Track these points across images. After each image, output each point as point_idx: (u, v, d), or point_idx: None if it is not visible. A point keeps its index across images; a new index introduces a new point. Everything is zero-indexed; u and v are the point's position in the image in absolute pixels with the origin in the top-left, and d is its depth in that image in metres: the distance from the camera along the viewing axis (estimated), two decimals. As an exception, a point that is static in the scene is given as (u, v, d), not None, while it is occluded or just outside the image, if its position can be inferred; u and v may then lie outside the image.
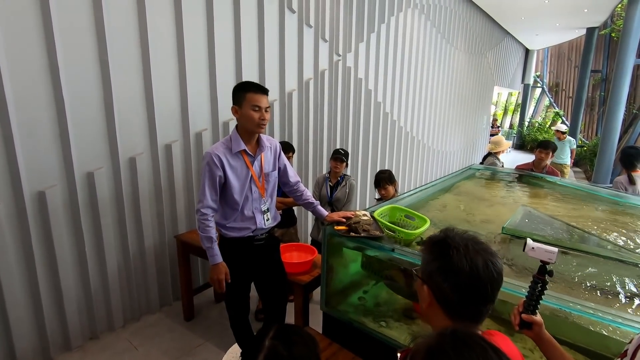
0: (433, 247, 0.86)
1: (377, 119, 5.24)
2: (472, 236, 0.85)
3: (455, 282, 0.79)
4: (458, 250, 0.80)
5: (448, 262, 0.81)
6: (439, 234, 0.88)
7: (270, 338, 0.82)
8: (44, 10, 2.05)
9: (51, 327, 2.36)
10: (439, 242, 0.85)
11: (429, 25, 6.13)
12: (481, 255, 0.80)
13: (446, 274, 0.81)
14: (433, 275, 0.83)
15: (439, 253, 0.83)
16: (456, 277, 0.79)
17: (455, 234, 0.86)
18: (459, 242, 0.82)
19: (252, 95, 1.76)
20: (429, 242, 0.88)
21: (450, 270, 0.80)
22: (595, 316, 1.19)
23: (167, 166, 2.85)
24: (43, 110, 2.14)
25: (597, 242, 2.03)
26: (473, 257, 0.79)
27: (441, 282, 0.81)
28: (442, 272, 0.81)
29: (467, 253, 0.80)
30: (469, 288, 0.79)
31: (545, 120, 16.69)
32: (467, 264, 0.79)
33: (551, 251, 0.96)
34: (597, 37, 10.87)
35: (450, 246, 0.82)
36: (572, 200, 2.83)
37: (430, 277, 0.84)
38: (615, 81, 7.12)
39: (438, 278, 0.81)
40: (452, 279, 0.80)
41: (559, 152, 6.59)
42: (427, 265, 0.85)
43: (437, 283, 0.82)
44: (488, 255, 0.81)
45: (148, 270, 2.85)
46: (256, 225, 1.92)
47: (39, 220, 2.22)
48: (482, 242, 0.84)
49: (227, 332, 2.70)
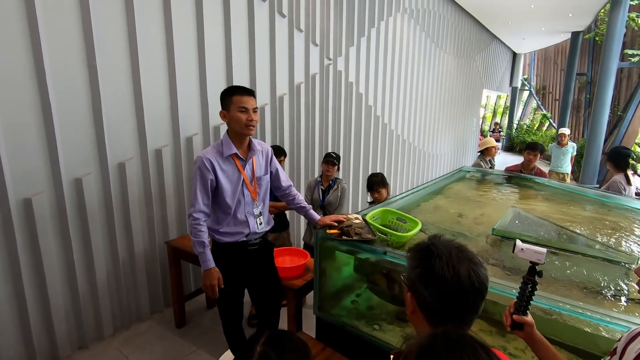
0: (417, 254, 0.86)
1: (368, 122, 5.27)
2: (457, 244, 0.85)
3: (436, 290, 0.79)
4: (441, 258, 0.80)
5: (430, 269, 0.80)
6: (424, 241, 0.88)
7: (262, 344, 0.81)
8: (29, 13, 2.02)
9: (38, 337, 2.30)
10: (422, 249, 0.85)
11: (418, 29, 6.21)
12: (464, 264, 0.79)
13: (427, 282, 0.80)
14: (415, 282, 0.82)
15: (421, 260, 0.83)
16: (437, 285, 0.78)
17: (440, 241, 0.85)
18: (443, 250, 0.82)
19: (238, 97, 1.77)
20: (414, 249, 0.88)
21: (432, 278, 0.79)
22: (584, 315, 1.21)
23: (158, 171, 2.82)
24: (29, 115, 2.10)
25: (585, 242, 2.06)
26: (456, 266, 0.78)
27: (423, 290, 0.80)
28: (423, 280, 0.81)
29: (450, 261, 0.79)
30: (450, 297, 0.78)
31: (534, 122, 16.98)
32: (449, 272, 0.78)
33: (540, 252, 0.97)
34: (582, 41, 11.13)
35: (434, 253, 0.81)
36: (560, 201, 2.88)
37: (413, 284, 0.83)
38: (600, 84, 7.28)
39: (420, 285, 0.81)
40: (433, 286, 0.79)
41: (558, 161, 6.00)
42: (411, 272, 0.85)
43: (419, 290, 0.81)
44: (472, 264, 0.80)
45: (138, 277, 2.81)
46: (249, 230, 1.91)
47: (25, 227, 2.17)
48: (467, 251, 0.83)
49: (220, 339, 2.67)
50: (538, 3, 7.51)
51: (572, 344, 1.38)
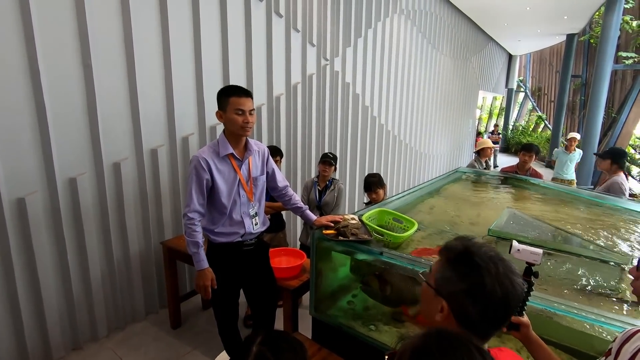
0: (457, 264, 0.79)
1: (365, 122, 5.27)
2: (495, 252, 0.79)
3: (485, 309, 0.75)
4: (490, 273, 0.74)
5: (481, 287, 0.74)
6: (456, 244, 0.81)
7: (258, 344, 0.81)
8: (23, 12, 2.00)
9: (31, 338, 2.27)
10: (464, 258, 0.78)
11: (415, 30, 6.23)
12: (509, 278, 0.75)
13: (476, 299, 0.75)
14: (458, 296, 0.76)
15: (467, 272, 0.77)
16: (487, 304, 0.74)
17: (481, 250, 0.78)
18: (488, 261, 0.76)
19: (235, 99, 1.75)
20: (451, 255, 0.81)
21: (483, 296, 0.74)
22: (579, 315, 1.21)
23: (153, 171, 2.81)
24: (23, 114, 2.08)
25: (579, 243, 2.08)
26: (504, 282, 0.74)
27: (469, 306, 0.75)
28: (471, 296, 0.75)
29: (498, 276, 0.74)
30: (497, 315, 0.75)
31: (529, 124, 17.10)
32: (500, 290, 0.74)
33: (536, 253, 0.97)
34: (577, 43, 11.23)
35: (480, 267, 0.75)
36: (556, 202, 2.90)
37: (455, 297, 0.77)
38: (595, 86, 7.35)
39: (466, 301, 0.75)
40: (482, 305, 0.75)
41: (565, 167, 5.63)
42: (450, 283, 0.78)
43: (462, 305, 0.76)
44: (515, 276, 0.76)
45: (133, 278, 2.79)
46: (245, 230, 1.90)
47: (19, 227, 2.15)
48: (505, 260, 0.78)
49: (215, 340, 2.65)
50: (534, 5, 7.57)
51: (568, 345, 1.38)
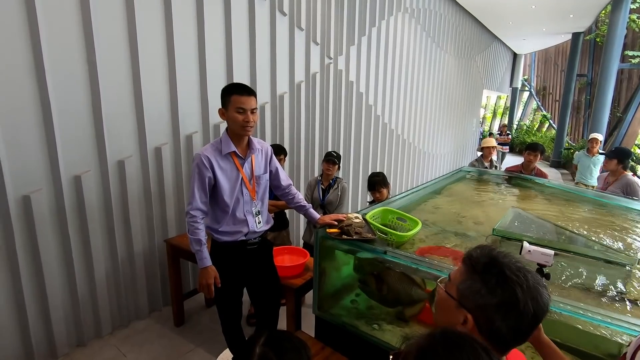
0: (487, 276, 0.74)
1: (369, 121, 5.26)
2: (522, 264, 0.76)
3: (516, 324, 0.72)
4: (522, 288, 0.71)
5: (514, 303, 0.71)
6: (481, 254, 0.77)
7: (261, 345, 0.80)
8: (29, 11, 2.01)
9: (36, 335, 2.29)
10: (492, 269, 0.74)
11: (419, 29, 6.20)
12: (538, 291, 0.72)
13: (507, 314, 0.71)
14: (487, 309, 0.72)
15: (497, 286, 0.73)
16: (519, 320, 0.72)
17: (510, 262, 0.75)
18: (518, 274, 0.73)
19: (236, 97, 1.74)
20: (476, 266, 0.76)
21: (514, 312, 0.71)
22: (585, 316, 1.20)
23: (157, 169, 2.81)
24: (28, 112, 2.09)
25: (585, 243, 2.06)
26: (534, 296, 0.72)
27: (499, 321, 0.72)
28: (502, 311, 0.72)
29: (530, 291, 0.71)
30: (527, 329, 0.73)
31: (534, 123, 16.99)
32: (532, 307, 0.71)
33: (547, 254, 0.95)
34: (583, 42, 11.13)
35: (512, 280, 0.72)
36: (561, 201, 2.88)
37: (483, 311, 0.73)
38: (600, 85, 7.29)
39: (496, 316, 0.72)
40: (514, 320, 0.72)
41: (588, 171, 4.99)
42: (479, 297, 0.74)
43: (491, 319, 0.72)
44: (543, 289, 0.74)
45: (137, 275, 2.80)
46: (248, 229, 1.90)
47: (24, 225, 2.16)
48: (532, 271, 0.75)
49: (218, 338, 2.66)
50: (539, 4, 7.51)
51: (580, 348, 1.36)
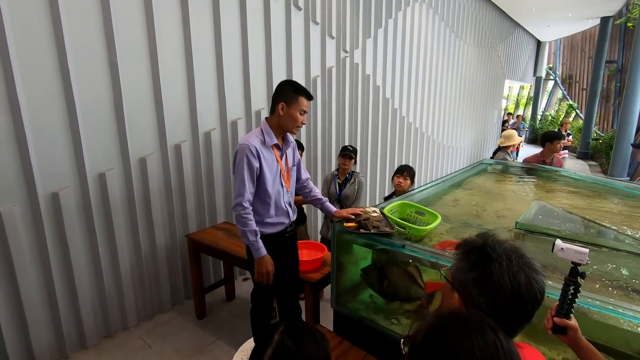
0: (469, 255, 0.79)
1: (386, 115, 5.19)
2: (514, 247, 0.78)
3: (493, 299, 0.74)
4: (500, 264, 0.74)
5: (488, 276, 0.74)
6: (475, 239, 0.81)
7: (280, 332, 0.81)
8: (53, 14, 2.08)
9: (67, 327, 2.40)
10: (477, 249, 0.79)
11: (437, 19, 6.05)
12: (524, 272, 0.74)
13: (483, 288, 0.75)
14: (468, 285, 0.77)
15: (477, 263, 0.77)
16: (495, 293, 0.74)
17: (496, 242, 0.79)
18: (501, 254, 0.76)
19: (303, 99, 1.82)
20: (465, 248, 0.81)
21: (490, 285, 0.74)
22: (617, 313, 1.14)
23: (177, 166, 2.87)
24: (55, 112, 2.17)
25: (615, 236, 1.97)
26: (516, 274, 0.73)
27: (477, 295, 0.75)
28: (479, 286, 0.75)
29: (510, 268, 0.74)
30: (507, 306, 0.74)
31: (559, 113, 16.35)
32: (509, 281, 0.73)
33: (582, 252, 0.89)
34: (612, 26, 10.58)
35: (491, 257, 0.76)
36: (588, 194, 2.76)
37: (465, 287, 0.77)
38: (632, 71, 6.92)
39: (474, 290, 0.76)
40: (490, 294, 0.74)
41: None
42: (462, 274, 0.79)
43: (471, 295, 0.76)
44: (532, 272, 0.75)
45: (160, 270, 2.88)
46: (289, 219, 1.98)
47: (53, 221, 2.26)
48: (525, 256, 0.78)
49: (239, 331, 2.71)
50: (564, -12, 7.19)
51: (621, 349, 1.28)
